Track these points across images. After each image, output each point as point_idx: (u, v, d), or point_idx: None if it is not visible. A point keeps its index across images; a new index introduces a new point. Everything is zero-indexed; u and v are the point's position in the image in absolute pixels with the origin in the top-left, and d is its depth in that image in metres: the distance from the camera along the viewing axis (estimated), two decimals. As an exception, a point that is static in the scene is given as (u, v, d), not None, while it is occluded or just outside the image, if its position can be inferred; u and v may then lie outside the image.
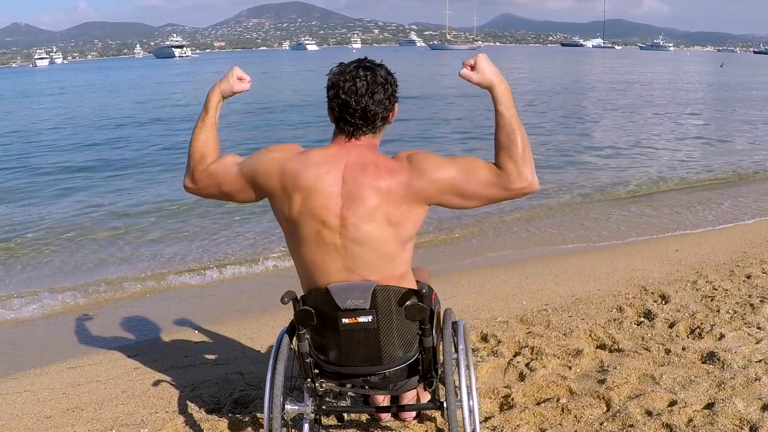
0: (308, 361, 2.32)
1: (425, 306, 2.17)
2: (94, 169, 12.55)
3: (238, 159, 2.32)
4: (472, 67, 2.15)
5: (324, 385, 2.38)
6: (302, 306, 2.22)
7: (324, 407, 2.52)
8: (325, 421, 3.05)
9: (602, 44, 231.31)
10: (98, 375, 4.04)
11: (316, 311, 2.20)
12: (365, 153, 2.13)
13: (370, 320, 2.15)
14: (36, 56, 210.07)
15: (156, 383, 3.78)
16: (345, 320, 2.15)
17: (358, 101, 2.10)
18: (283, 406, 2.34)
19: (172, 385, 3.73)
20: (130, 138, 17.10)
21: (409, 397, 2.86)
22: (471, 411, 2.35)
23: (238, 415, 3.19)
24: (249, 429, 3.06)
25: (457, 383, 2.68)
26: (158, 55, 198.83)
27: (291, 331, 2.35)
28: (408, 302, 2.15)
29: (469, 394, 2.57)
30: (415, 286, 2.29)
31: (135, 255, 7.05)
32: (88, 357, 4.40)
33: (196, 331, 4.75)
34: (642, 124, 17.73)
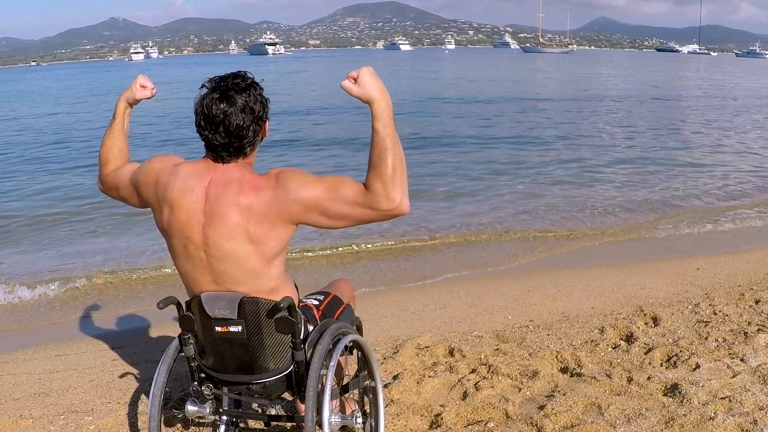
0: (193, 365, 2.35)
1: (294, 320, 2.14)
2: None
3: (135, 166, 2.38)
4: (355, 80, 2.08)
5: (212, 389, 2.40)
6: (185, 312, 2.25)
7: (221, 410, 2.54)
8: (253, 425, 3.09)
9: (698, 50, 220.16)
10: (77, 364, 4.21)
11: (196, 318, 2.22)
12: (232, 169, 2.11)
13: (240, 330, 2.15)
14: (132, 50, 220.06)
15: (123, 375, 3.92)
16: (218, 329, 2.18)
17: (219, 139, 2.06)
18: (185, 406, 2.44)
19: (135, 378, 3.85)
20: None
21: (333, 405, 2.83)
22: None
23: (175, 411, 3.25)
24: (179, 425, 3.14)
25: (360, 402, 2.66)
26: (252, 51, 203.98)
27: None
28: (278, 315, 2.13)
29: (370, 415, 2.56)
30: (296, 301, 2.28)
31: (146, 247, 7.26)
32: (77, 345, 4.58)
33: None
34: (725, 141, 16.19)
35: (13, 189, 11.12)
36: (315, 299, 2.61)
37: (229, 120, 2.04)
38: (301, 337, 2.25)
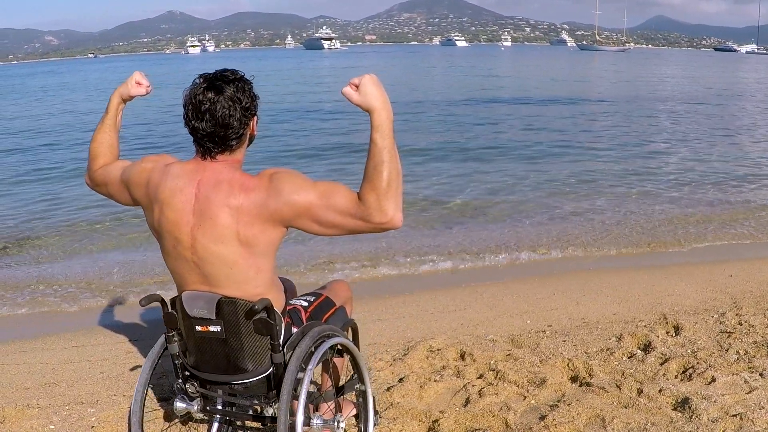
0: (177, 362, 2.35)
1: (272, 321, 2.11)
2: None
3: (126, 164, 2.38)
4: (357, 87, 2.01)
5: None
6: (168, 309, 2.26)
7: (208, 408, 2.53)
8: (250, 423, 3.07)
9: (756, 50, 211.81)
10: (92, 355, 4.29)
11: (179, 316, 2.23)
12: (221, 170, 2.09)
13: (219, 330, 2.15)
14: (188, 44, 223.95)
15: (133, 368, 3.96)
16: (198, 328, 2.19)
17: (205, 127, 2.04)
18: (174, 402, 2.46)
19: (145, 371, 3.88)
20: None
21: (324, 408, 2.80)
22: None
23: (176, 406, 3.26)
24: (176, 420, 3.14)
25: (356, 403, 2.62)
26: (308, 46, 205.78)
27: None
28: (256, 316, 2.10)
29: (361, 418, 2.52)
30: (280, 304, 2.26)
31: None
32: (94, 337, 4.67)
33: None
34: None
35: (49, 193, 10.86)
36: (305, 300, 2.59)
37: (216, 108, 2.03)
38: (281, 339, 2.22)
